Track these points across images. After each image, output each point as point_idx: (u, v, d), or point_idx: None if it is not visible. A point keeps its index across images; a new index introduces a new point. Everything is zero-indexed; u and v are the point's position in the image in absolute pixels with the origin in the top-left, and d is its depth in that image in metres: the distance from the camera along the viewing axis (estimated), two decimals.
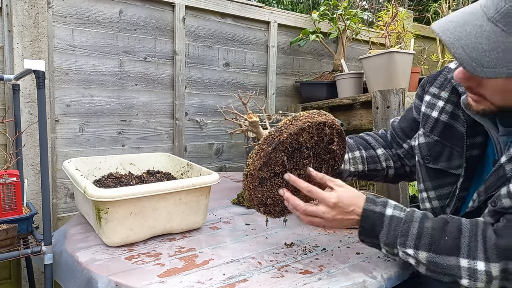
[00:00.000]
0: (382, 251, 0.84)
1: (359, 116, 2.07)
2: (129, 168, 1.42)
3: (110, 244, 1.01)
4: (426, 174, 0.98)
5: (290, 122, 0.87)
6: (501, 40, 0.63)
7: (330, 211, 0.83)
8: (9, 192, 1.09)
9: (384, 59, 1.89)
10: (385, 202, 0.84)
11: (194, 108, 2.03)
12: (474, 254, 0.71)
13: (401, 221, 0.80)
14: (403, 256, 0.79)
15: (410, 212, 0.82)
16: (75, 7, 1.62)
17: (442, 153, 0.94)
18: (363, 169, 1.12)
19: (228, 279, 0.84)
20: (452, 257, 0.73)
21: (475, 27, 0.66)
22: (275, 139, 0.86)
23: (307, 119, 0.87)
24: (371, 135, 1.20)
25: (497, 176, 0.78)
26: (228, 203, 1.46)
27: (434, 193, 0.96)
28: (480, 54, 0.64)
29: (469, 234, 0.74)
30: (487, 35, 0.64)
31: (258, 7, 2.19)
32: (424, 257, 0.76)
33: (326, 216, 0.83)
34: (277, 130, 0.86)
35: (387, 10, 2.31)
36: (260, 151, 0.87)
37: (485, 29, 0.64)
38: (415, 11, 3.37)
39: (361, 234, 0.84)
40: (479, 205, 0.82)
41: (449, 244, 0.74)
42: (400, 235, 0.79)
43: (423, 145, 0.98)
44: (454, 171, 0.91)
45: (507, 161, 0.77)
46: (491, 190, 0.79)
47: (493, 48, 0.63)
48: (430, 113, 0.97)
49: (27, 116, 1.49)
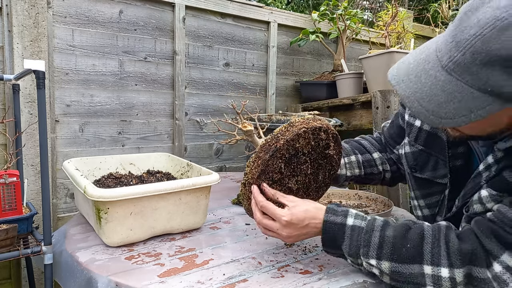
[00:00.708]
0: (348, 261, 0.83)
1: (359, 116, 2.07)
2: (129, 168, 1.42)
3: (110, 244, 1.01)
4: (415, 183, 0.98)
5: (286, 129, 0.87)
6: (456, 90, 0.62)
7: (283, 229, 0.83)
8: (9, 192, 1.09)
9: (384, 59, 1.89)
10: (345, 212, 0.82)
11: (194, 108, 2.03)
12: (437, 260, 0.70)
13: (362, 230, 0.78)
14: (367, 266, 0.78)
15: (371, 221, 0.80)
16: (75, 7, 1.62)
17: (428, 162, 0.93)
18: (360, 173, 1.12)
19: (228, 279, 0.84)
20: (415, 265, 0.72)
21: (429, 77, 0.65)
22: (272, 146, 0.85)
23: (303, 125, 0.87)
24: (367, 139, 1.19)
25: (474, 182, 0.80)
26: (228, 203, 1.46)
27: (423, 202, 0.96)
28: (437, 106, 0.64)
29: (432, 240, 0.72)
30: (442, 85, 0.63)
31: (258, 7, 2.19)
32: (387, 267, 0.74)
33: (280, 232, 0.84)
34: (274, 137, 0.86)
35: (387, 10, 2.31)
36: (258, 159, 0.87)
37: (439, 79, 0.64)
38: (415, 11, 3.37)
39: (324, 246, 0.84)
40: (457, 210, 0.83)
41: (412, 251, 0.73)
42: (363, 245, 0.77)
43: (408, 155, 0.98)
44: (440, 180, 0.91)
45: (484, 169, 0.78)
46: (467, 197, 0.80)
47: (450, 99, 0.62)
48: (413, 122, 0.97)
49: (27, 116, 1.49)
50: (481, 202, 0.74)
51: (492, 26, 0.58)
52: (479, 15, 0.60)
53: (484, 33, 0.58)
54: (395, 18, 2.13)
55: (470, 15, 0.61)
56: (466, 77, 0.61)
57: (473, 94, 0.61)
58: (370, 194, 1.42)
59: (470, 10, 0.62)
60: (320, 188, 1.01)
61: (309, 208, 0.83)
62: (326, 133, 0.91)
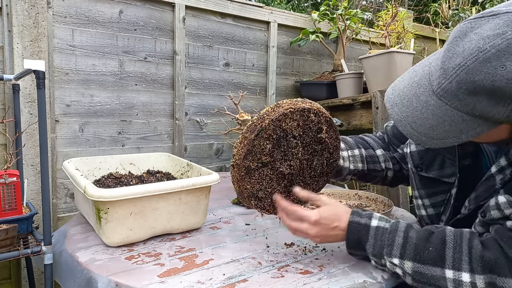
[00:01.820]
0: (372, 263, 0.85)
1: (359, 116, 2.07)
2: (129, 168, 1.42)
3: (110, 244, 1.01)
4: (420, 182, 0.98)
5: (272, 109, 0.87)
6: (446, 114, 0.65)
7: (312, 228, 0.85)
8: (9, 192, 1.09)
9: (384, 59, 1.89)
10: (370, 215, 0.85)
11: (194, 108, 2.03)
12: (458, 265, 0.72)
13: (386, 231, 0.81)
14: (390, 266, 0.80)
15: (395, 222, 0.83)
16: (75, 7, 1.62)
17: (434, 161, 0.94)
18: (363, 168, 1.11)
19: (228, 279, 0.84)
20: (437, 268, 0.73)
21: (421, 102, 0.67)
22: (257, 126, 0.85)
23: (290, 106, 0.87)
24: (370, 136, 1.19)
25: (486, 185, 0.79)
26: (228, 203, 1.46)
27: (428, 201, 0.96)
28: (428, 129, 0.67)
29: (453, 245, 0.74)
30: (432, 110, 0.66)
31: (258, 7, 2.19)
32: (409, 267, 0.76)
33: (309, 232, 0.86)
34: (259, 117, 0.86)
35: (387, 10, 2.31)
36: (244, 139, 0.87)
37: (430, 103, 0.66)
38: (415, 11, 3.37)
39: (349, 247, 0.86)
40: (469, 212, 0.83)
41: (434, 254, 0.74)
42: (386, 244, 0.80)
43: (414, 153, 0.98)
44: (447, 179, 0.91)
45: (497, 171, 0.78)
46: (480, 199, 0.80)
47: (440, 123, 0.65)
48: None
49: (27, 116, 1.49)
50: (498, 208, 0.74)
51: (475, 58, 0.60)
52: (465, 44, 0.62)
53: (467, 64, 0.60)
54: (395, 18, 2.13)
55: (458, 41, 0.63)
56: (455, 102, 0.64)
57: (462, 117, 0.64)
58: (370, 194, 1.42)
59: (459, 36, 0.63)
60: (319, 177, 0.99)
61: (338, 210, 0.86)
62: (316, 116, 0.89)
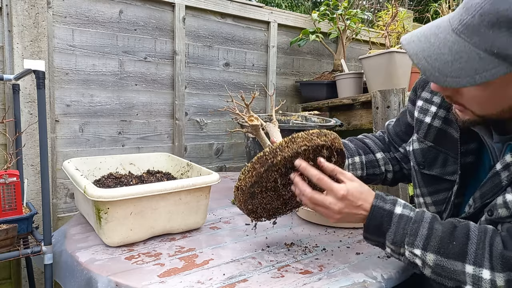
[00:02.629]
0: (386, 250, 0.82)
1: (359, 116, 2.07)
2: (129, 168, 1.42)
3: (110, 244, 1.01)
4: (422, 180, 0.97)
5: (286, 144, 0.84)
6: (463, 51, 0.64)
7: (337, 203, 0.81)
8: (9, 192, 1.09)
9: (384, 59, 1.89)
10: (394, 200, 0.82)
11: (194, 108, 2.03)
12: (480, 261, 0.70)
13: (410, 220, 0.78)
14: (410, 256, 0.78)
15: (420, 212, 0.80)
16: (75, 7, 1.62)
17: (437, 159, 0.93)
18: (362, 174, 1.11)
19: (228, 279, 0.84)
20: (459, 262, 0.72)
21: (439, 39, 0.67)
22: (268, 161, 0.84)
23: (304, 142, 0.84)
24: (370, 137, 1.19)
25: (492, 183, 0.78)
26: (228, 203, 1.46)
27: (430, 199, 0.96)
28: (443, 64, 0.65)
29: (477, 241, 0.72)
30: (450, 46, 0.65)
31: (258, 7, 2.19)
32: (431, 259, 0.74)
33: (332, 207, 0.81)
34: (272, 151, 0.84)
35: (387, 10, 2.31)
36: (252, 170, 0.86)
37: (448, 40, 0.66)
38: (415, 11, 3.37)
39: (367, 231, 0.82)
40: (474, 211, 0.82)
41: (457, 249, 0.73)
42: (409, 234, 0.77)
43: (417, 151, 0.97)
44: (449, 177, 0.91)
45: (502, 168, 0.77)
46: (486, 197, 0.79)
47: (456, 59, 0.64)
48: (423, 118, 0.96)
49: (27, 116, 1.49)
50: (506, 207, 0.73)
51: None
52: None
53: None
54: (395, 18, 2.13)
55: None
56: (474, 38, 0.63)
57: (479, 55, 0.63)
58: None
59: None
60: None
61: (365, 189, 0.83)
62: (329, 149, 0.87)
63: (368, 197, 0.82)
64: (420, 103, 0.98)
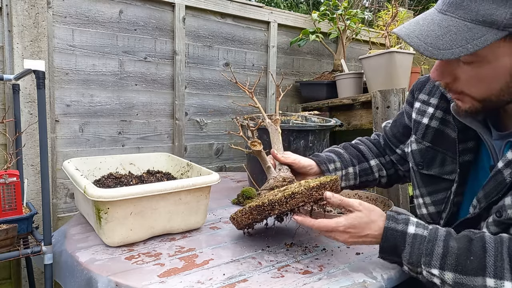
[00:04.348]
0: (404, 268, 0.81)
1: (359, 116, 2.07)
2: (129, 168, 1.42)
3: (110, 244, 1.01)
4: (421, 180, 0.98)
5: (286, 200, 0.88)
6: (451, 25, 0.68)
7: (342, 235, 0.84)
8: (9, 192, 1.09)
9: (384, 59, 1.89)
10: (406, 220, 0.81)
11: (194, 108, 2.03)
12: (500, 274, 0.69)
13: (424, 239, 0.77)
14: (428, 275, 0.76)
15: (433, 230, 0.79)
16: (75, 7, 1.62)
17: (435, 159, 0.94)
18: (355, 183, 1.14)
19: (228, 279, 0.84)
20: (479, 277, 0.70)
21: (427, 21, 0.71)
22: (265, 212, 0.90)
23: (303, 199, 0.88)
24: (365, 143, 1.19)
25: (495, 181, 0.78)
26: (228, 203, 1.46)
27: (429, 199, 0.96)
28: (434, 39, 0.68)
29: (494, 253, 0.71)
30: (438, 23, 0.69)
31: (258, 7, 2.19)
32: (450, 278, 0.73)
33: (338, 238, 0.84)
34: (270, 204, 0.89)
35: (387, 10, 2.31)
36: (249, 214, 0.94)
37: (435, 19, 0.70)
38: (415, 11, 3.37)
39: (383, 253, 0.82)
40: (480, 211, 0.81)
41: (475, 264, 0.71)
42: (425, 254, 0.76)
43: (415, 152, 0.98)
44: (447, 176, 0.91)
45: (504, 166, 0.76)
46: (491, 196, 0.78)
47: (445, 33, 0.68)
48: (420, 119, 0.98)
49: (27, 116, 1.49)
50: None
51: None
52: None
53: None
54: (395, 18, 2.13)
55: None
56: (459, 12, 0.67)
57: (467, 26, 0.66)
58: (370, 194, 1.42)
59: None
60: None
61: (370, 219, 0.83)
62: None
63: (376, 222, 0.82)
64: (418, 104, 0.99)
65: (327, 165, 1.09)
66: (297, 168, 1.08)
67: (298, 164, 1.07)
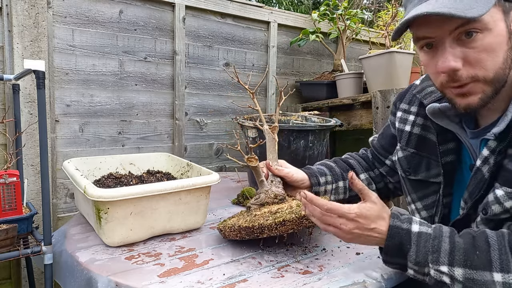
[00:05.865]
0: (409, 272, 0.78)
1: (359, 116, 2.07)
2: (129, 168, 1.42)
3: (110, 244, 1.01)
4: (410, 186, 0.99)
5: (276, 227, 0.91)
6: None
7: (348, 223, 0.79)
8: (9, 192, 1.09)
9: (384, 59, 1.89)
10: (409, 219, 0.79)
11: (194, 108, 2.03)
12: (507, 267, 0.68)
13: (430, 237, 0.75)
14: (436, 274, 0.73)
15: (437, 227, 0.77)
16: (75, 7, 1.62)
17: (421, 164, 0.95)
18: (344, 197, 1.15)
19: (228, 279, 0.84)
20: (487, 272, 0.69)
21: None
22: (254, 234, 0.93)
23: (293, 226, 0.90)
24: (355, 157, 1.21)
25: (476, 179, 0.79)
26: (228, 203, 1.46)
27: (420, 204, 0.97)
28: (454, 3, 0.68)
29: (498, 247, 0.70)
30: None
31: (258, 7, 2.19)
32: (460, 274, 0.71)
33: (342, 227, 0.79)
34: (260, 227, 0.92)
35: (387, 10, 2.31)
36: (237, 232, 0.97)
37: None
38: None
39: (386, 254, 0.79)
40: (467, 212, 0.82)
41: (482, 258, 0.70)
42: (432, 251, 0.74)
43: (402, 159, 1.00)
44: (434, 179, 0.92)
45: (482, 163, 0.77)
46: (475, 195, 0.79)
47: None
48: (403, 127, 1.01)
49: (27, 116, 1.49)
50: (498, 202, 0.73)
51: None
52: None
53: None
54: (395, 18, 2.13)
55: None
56: None
57: None
58: None
59: None
60: None
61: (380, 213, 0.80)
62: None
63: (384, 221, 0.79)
64: (399, 114, 1.03)
65: (318, 178, 1.10)
66: (290, 181, 1.10)
67: (291, 178, 1.09)
